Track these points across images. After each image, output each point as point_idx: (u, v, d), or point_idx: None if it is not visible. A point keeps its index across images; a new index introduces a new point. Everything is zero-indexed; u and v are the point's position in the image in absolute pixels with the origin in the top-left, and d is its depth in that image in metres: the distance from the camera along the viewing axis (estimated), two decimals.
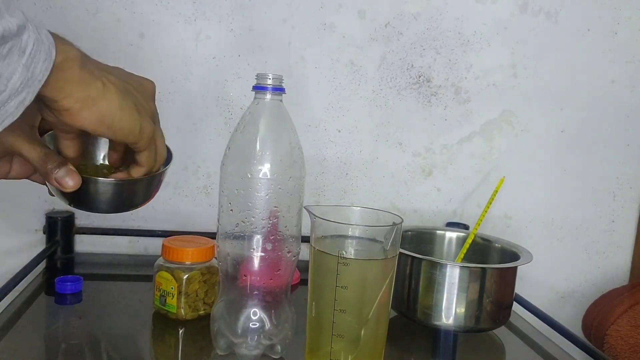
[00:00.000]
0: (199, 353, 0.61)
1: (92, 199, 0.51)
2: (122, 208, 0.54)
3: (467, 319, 0.67)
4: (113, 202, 0.52)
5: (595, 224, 1.01)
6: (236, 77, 0.89)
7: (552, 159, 0.98)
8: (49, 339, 0.62)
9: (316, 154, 0.93)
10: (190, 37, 0.87)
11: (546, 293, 1.01)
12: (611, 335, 0.86)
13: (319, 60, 0.91)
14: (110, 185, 0.51)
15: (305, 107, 0.92)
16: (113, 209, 0.53)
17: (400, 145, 0.95)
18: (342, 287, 0.52)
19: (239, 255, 0.56)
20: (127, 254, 0.92)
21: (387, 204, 0.96)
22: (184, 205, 0.92)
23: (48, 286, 0.76)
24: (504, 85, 0.95)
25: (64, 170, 0.48)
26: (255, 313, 0.57)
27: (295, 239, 0.58)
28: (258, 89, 0.57)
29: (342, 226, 0.54)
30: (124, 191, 0.53)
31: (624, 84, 0.97)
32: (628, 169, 1.00)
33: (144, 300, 0.71)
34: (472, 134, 0.96)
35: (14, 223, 0.88)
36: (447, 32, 0.92)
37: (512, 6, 0.93)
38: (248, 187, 0.55)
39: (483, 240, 0.79)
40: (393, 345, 0.65)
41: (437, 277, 0.67)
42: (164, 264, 0.67)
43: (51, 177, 0.48)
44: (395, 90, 0.93)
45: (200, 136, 0.90)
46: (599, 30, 0.95)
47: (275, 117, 0.57)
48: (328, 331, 0.53)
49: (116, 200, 0.52)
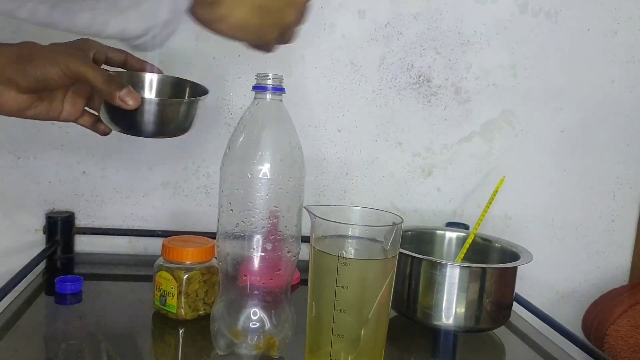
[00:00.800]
0: (199, 353, 0.61)
1: (143, 120, 0.57)
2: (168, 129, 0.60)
3: (467, 319, 0.67)
4: (160, 123, 0.58)
5: (595, 224, 1.01)
6: (236, 77, 0.89)
7: (552, 159, 0.98)
8: (49, 339, 0.63)
9: (316, 154, 0.93)
10: (190, 37, 0.87)
11: (546, 293, 1.01)
12: (611, 335, 0.86)
13: (319, 60, 0.91)
14: (161, 105, 0.59)
15: (305, 107, 0.92)
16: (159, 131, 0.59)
17: (400, 145, 0.95)
18: (342, 287, 0.52)
19: (239, 255, 0.56)
20: (127, 254, 0.91)
21: (387, 204, 0.96)
22: (184, 205, 0.92)
23: (48, 286, 0.76)
24: (504, 85, 0.95)
25: (125, 91, 0.54)
26: (255, 313, 0.57)
27: (295, 239, 0.58)
28: (258, 89, 0.57)
29: (342, 226, 0.54)
30: (170, 111, 0.59)
31: (623, 84, 0.98)
32: (628, 169, 1.00)
33: (144, 300, 0.71)
34: (472, 134, 0.96)
35: (14, 223, 0.88)
36: (447, 32, 0.92)
37: (512, 6, 0.93)
38: (248, 187, 0.55)
39: (483, 240, 0.79)
40: (393, 345, 0.65)
41: (437, 277, 0.67)
42: (164, 264, 0.67)
43: (115, 96, 0.53)
44: (395, 90, 0.93)
45: (200, 136, 0.90)
46: (599, 30, 0.95)
47: (275, 117, 0.57)
48: (328, 331, 0.53)
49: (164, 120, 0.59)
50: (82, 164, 0.88)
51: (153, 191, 0.91)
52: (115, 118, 0.58)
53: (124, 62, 0.64)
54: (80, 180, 0.89)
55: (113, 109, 0.56)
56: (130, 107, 0.54)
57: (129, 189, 0.90)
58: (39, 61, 0.53)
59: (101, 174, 0.89)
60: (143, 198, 0.91)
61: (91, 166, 0.88)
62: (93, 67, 0.55)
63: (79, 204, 0.89)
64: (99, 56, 0.61)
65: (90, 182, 0.89)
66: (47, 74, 0.53)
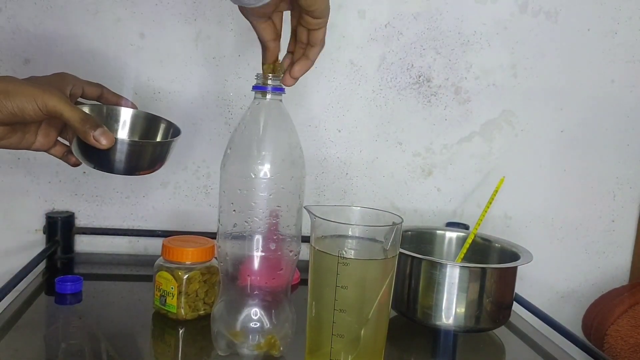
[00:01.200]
0: (199, 353, 0.61)
1: (115, 159, 0.59)
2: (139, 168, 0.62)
3: (467, 319, 0.67)
4: (132, 162, 0.60)
5: (595, 224, 1.01)
6: (236, 77, 0.89)
7: (552, 159, 0.98)
8: (49, 339, 0.62)
9: (316, 153, 0.93)
10: (190, 37, 0.87)
11: (546, 293, 1.01)
12: (611, 335, 0.86)
13: (319, 60, 0.90)
14: (133, 146, 0.60)
15: (305, 107, 0.92)
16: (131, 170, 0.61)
17: (400, 145, 0.95)
18: (342, 287, 0.52)
19: (239, 255, 0.56)
20: (127, 254, 0.92)
21: (387, 204, 0.96)
22: (184, 205, 0.92)
23: (48, 286, 0.76)
24: (504, 85, 0.95)
25: (100, 131, 0.56)
26: (256, 313, 0.57)
27: (295, 239, 0.58)
28: (258, 89, 0.57)
29: (342, 226, 0.54)
30: (142, 152, 0.61)
31: (623, 83, 0.98)
32: (628, 169, 1.00)
33: (144, 300, 0.71)
34: (472, 134, 0.96)
35: (14, 223, 0.88)
36: (447, 32, 0.92)
37: (512, 6, 0.93)
38: (248, 187, 0.55)
39: (483, 240, 0.79)
40: (393, 345, 0.65)
41: (437, 277, 0.67)
42: (164, 264, 0.67)
43: (90, 136, 0.55)
44: (395, 90, 0.93)
45: (200, 136, 0.90)
46: (599, 30, 0.95)
47: (275, 117, 0.57)
48: (328, 331, 0.53)
49: (136, 160, 0.60)
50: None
51: (153, 191, 0.91)
52: (87, 154, 0.59)
53: (100, 96, 0.66)
54: (80, 180, 0.89)
55: (85, 145, 0.57)
56: (103, 147, 0.56)
57: (129, 189, 0.90)
58: (16, 97, 0.54)
59: (101, 174, 0.88)
60: (143, 198, 0.91)
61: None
62: (69, 105, 0.56)
63: (79, 204, 0.89)
64: (76, 90, 0.63)
65: (90, 182, 0.89)
66: (24, 110, 0.54)
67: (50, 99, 0.54)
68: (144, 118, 0.69)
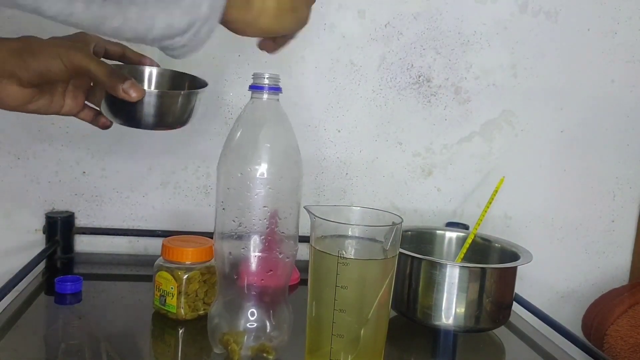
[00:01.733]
0: (199, 353, 0.61)
1: (143, 112, 0.57)
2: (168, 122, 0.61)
3: (467, 319, 0.67)
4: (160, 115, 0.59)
5: (595, 224, 1.01)
6: (236, 77, 0.89)
7: (552, 159, 0.98)
8: (49, 339, 0.63)
9: (316, 154, 0.93)
10: None
11: (546, 293, 1.01)
12: (611, 335, 0.86)
13: (319, 60, 0.91)
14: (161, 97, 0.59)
15: (305, 107, 0.92)
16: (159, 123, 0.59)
17: (400, 145, 0.95)
18: (342, 287, 0.52)
19: (236, 256, 0.56)
20: (127, 254, 0.91)
21: (387, 204, 0.96)
22: (184, 205, 0.92)
23: (48, 286, 0.76)
24: (504, 85, 0.95)
25: (129, 83, 0.54)
26: (253, 313, 0.57)
27: (293, 239, 0.58)
28: (254, 89, 0.57)
29: (342, 226, 0.54)
30: (169, 103, 0.60)
31: (623, 83, 0.97)
32: (628, 169, 1.00)
33: (144, 300, 0.71)
34: (472, 134, 0.96)
35: (14, 223, 0.88)
36: (447, 32, 0.92)
37: (512, 6, 0.93)
38: (245, 186, 0.55)
39: (483, 240, 0.79)
40: (393, 345, 0.65)
41: (437, 277, 0.67)
42: (164, 264, 0.67)
43: (118, 89, 0.54)
44: (395, 90, 0.93)
45: (200, 136, 0.90)
46: (599, 30, 0.95)
47: (271, 116, 0.57)
48: (328, 331, 0.53)
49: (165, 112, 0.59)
50: (81, 164, 0.88)
51: (153, 191, 0.91)
52: (116, 110, 0.58)
53: (122, 55, 0.64)
54: (80, 180, 0.89)
55: (113, 102, 0.56)
56: (133, 99, 0.54)
57: (129, 189, 0.90)
58: (41, 55, 0.53)
59: (101, 174, 0.89)
60: (143, 198, 0.91)
61: (91, 166, 0.88)
62: (95, 60, 0.55)
63: (79, 204, 0.89)
64: (98, 49, 0.61)
65: (90, 182, 0.89)
66: (50, 67, 0.53)
67: (76, 56, 0.53)
68: (169, 76, 0.67)
